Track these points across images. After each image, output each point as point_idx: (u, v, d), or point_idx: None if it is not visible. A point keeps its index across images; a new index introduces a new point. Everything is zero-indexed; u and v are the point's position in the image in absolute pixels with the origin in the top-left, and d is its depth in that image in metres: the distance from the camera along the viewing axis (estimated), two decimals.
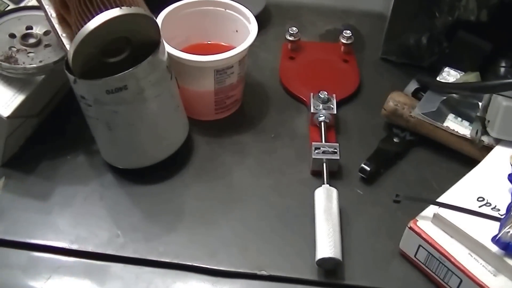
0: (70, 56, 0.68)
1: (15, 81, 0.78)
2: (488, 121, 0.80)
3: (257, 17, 0.85)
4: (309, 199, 0.78)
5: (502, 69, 0.90)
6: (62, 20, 0.72)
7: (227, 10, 0.88)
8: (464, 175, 0.75)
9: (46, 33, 0.80)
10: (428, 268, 0.70)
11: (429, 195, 0.78)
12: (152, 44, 0.73)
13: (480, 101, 0.83)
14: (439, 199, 0.72)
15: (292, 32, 0.98)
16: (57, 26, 0.73)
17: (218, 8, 0.88)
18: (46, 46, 0.79)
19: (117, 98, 0.71)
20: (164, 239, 0.74)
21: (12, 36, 0.79)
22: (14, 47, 0.78)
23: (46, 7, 0.74)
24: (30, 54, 0.78)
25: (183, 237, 0.75)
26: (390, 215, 0.78)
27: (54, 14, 0.73)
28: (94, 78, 0.70)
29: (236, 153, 0.85)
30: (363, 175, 0.81)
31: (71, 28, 0.71)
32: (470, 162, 0.80)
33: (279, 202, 0.79)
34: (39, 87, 0.80)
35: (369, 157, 0.83)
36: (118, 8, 0.68)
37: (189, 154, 0.84)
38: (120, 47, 0.72)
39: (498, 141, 0.80)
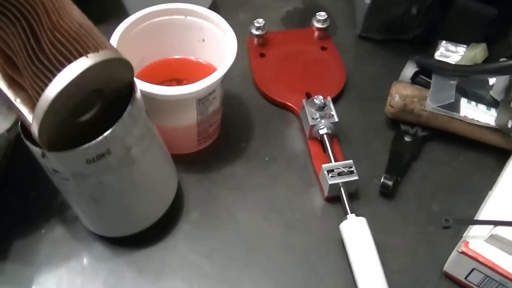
0: (35, 128, 0.52)
1: None
2: None
3: None
4: (332, 232, 0.67)
5: None
6: (11, 82, 0.54)
7: (187, 17, 0.72)
8: (487, 165, 0.68)
9: None
10: None
11: (458, 198, 0.71)
12: (122, 86, 0.57)
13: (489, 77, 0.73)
14: (484, 212, 0.63)
15: (258, 25, 0.82)
16: (6, 90, 0.55)
17: (176, 17, 0.72)
18: None
19: (100, 166, 0.56)
20: None
21: None
22: None
23: None
24: None
25: None
26: (424, 232, 0.68)
27: None
28: (64, 146, 0.54)
29: (233, 189, 0.71)
30: (385, 191, 0.70)
31: (27, 91, 0.54)
32: (491, 150, 0.73)
33: (299, 243, 0.67)
34: None
35: (387, 168, 0.71)
36: (84, 58, 0.51)
37: (183, 199, 0.70)
38: (90, 101, 0.56)
39: None
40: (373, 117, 0.78)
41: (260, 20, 0.83)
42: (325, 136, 0.72)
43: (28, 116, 0.53)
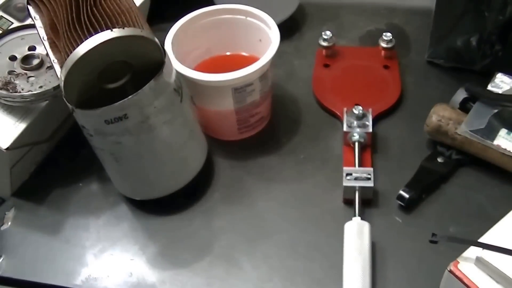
0: (61, 84, 0.62)
1: (16, 108, 0.72)
2: None
3: (291, 19, 0.76)
4: (341, 233, 0.69)
5: None
6: (53, 44, 0.65)
7: (248, 18, 0.79)
8: None
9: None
10: None
11: (479, 226, 0.67)
12: (156, 66, 0.65)
13: None
14: (484, 238, 0.61)
15: (325, 37, 0.88)
16: (49, 50, 0.66)
17: (238, 16, 0.80)
18: (49, 68, 0.73)
19: (118, 128, 0.64)
20: (180, 280, 0.68)
21: (13, 58, 0.74)
22: (14, 71, 0.72)
23: (38, 29, 0.67)
24: (31, 79, 0.72)
25: (201, 277, 0.68)
26: (432, 250, 0.67)
27: (46, 37, 0.67)
28: (93, 107, 0.63)
29: (262, 179, 0.77)
30: (401, 203, 0.72)
31: (61, 54, 0.64)
32: None
33: (308, 238, 0.71)
34: (43, 113, 0.74)
35: (409, 181, 0.73)
36: (109, 31, 0.60)
37: (210, 180, 0.77)
38: (120, 72, 0.65)
39: None
40: (416, 136, 0.79)
41: (328, 32, 0.88)
42: (356, 143, 0.76)
43: (59, 74, 0.63)
